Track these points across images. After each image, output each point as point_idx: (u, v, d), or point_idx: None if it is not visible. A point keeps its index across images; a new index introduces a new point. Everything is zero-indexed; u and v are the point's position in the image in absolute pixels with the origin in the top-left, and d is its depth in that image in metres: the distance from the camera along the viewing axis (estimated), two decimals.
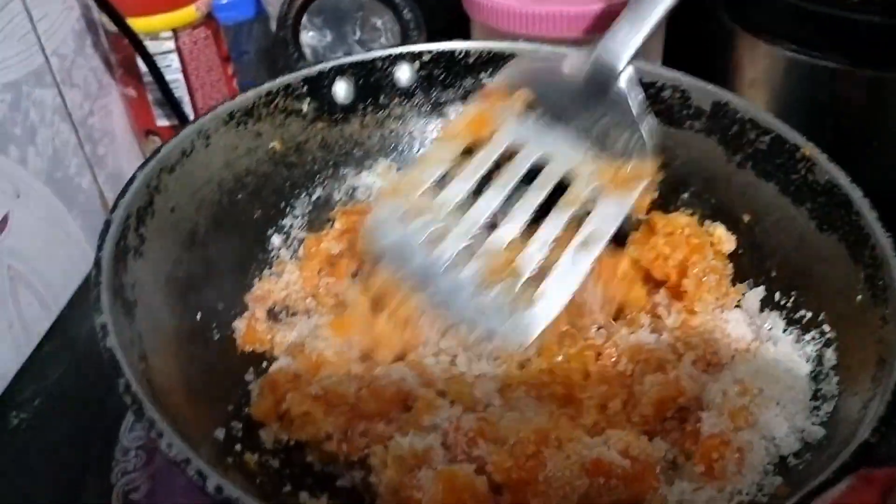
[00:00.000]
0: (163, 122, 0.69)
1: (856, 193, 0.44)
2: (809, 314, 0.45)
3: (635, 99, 0.49)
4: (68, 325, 0.59)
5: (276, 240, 0.53)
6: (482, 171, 0.49)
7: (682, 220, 0.50)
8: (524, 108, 0.51)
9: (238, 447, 0.42)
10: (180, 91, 0.68)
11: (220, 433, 0.41)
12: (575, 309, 0.47)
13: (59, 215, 0.60)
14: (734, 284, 0.49)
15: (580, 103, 0.50)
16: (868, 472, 0.28)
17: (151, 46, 0.64)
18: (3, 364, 0.54)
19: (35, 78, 0.57)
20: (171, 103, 0.66)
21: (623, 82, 0.48)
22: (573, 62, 0.50)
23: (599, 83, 0.49)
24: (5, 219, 0.53)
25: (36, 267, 0.57)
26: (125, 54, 0.65)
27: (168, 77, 0.66)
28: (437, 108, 0.58)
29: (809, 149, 0.47)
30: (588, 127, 0.50)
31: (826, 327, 0.44)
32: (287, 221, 0.54)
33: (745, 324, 0.47)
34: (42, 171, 0.58)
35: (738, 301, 0.49)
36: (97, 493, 0.46)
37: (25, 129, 0.56)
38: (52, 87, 0.59)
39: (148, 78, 0.66)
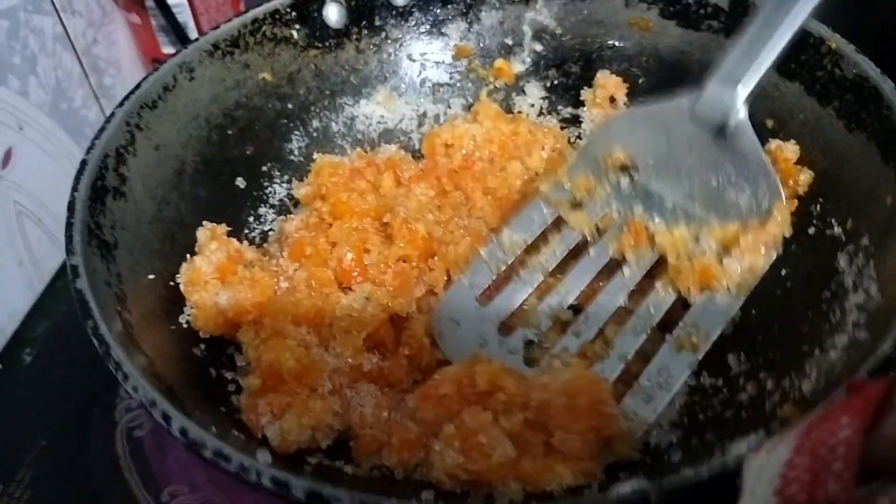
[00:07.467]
0: (169, 50, 0.67)
1: (886, 85, 0.41)
2: (838, 227, 0.42)
3: (752, 143, 0.41)
4: None
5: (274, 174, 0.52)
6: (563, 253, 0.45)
7: None
8: (618, 172, 0.45)
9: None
10: (184, 16, 0.65)
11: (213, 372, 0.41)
12: None
13: (65, 148, 0.59)
14: None
15: (687, 155, 0.42)
16: (861, 383, 0.25)
17: None
18: (15, 302, 0.55)
19: (33, 4, 0.55)
20: (174, 28, 0.64)
21: (739, 122, 0.40)
22: (680, 108, 0.42)
23: (711, 127, 0.41)
24: (9, 153, 0.53)
25: (44, 202, 0.56)
26: None
27: (171, 1, 0.63)
28: (437, 27, 0.55)
29: (835, 41, 0.43)
30: (697, 184, 0.42)
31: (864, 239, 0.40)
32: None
33: None
34: (45, 103, 0.57)
35: None
36: (102, 428, 0.46)
37: (25, 58, 0.54)
38: (51, 14, 0.58)
39: (151, 2, 0.64)
